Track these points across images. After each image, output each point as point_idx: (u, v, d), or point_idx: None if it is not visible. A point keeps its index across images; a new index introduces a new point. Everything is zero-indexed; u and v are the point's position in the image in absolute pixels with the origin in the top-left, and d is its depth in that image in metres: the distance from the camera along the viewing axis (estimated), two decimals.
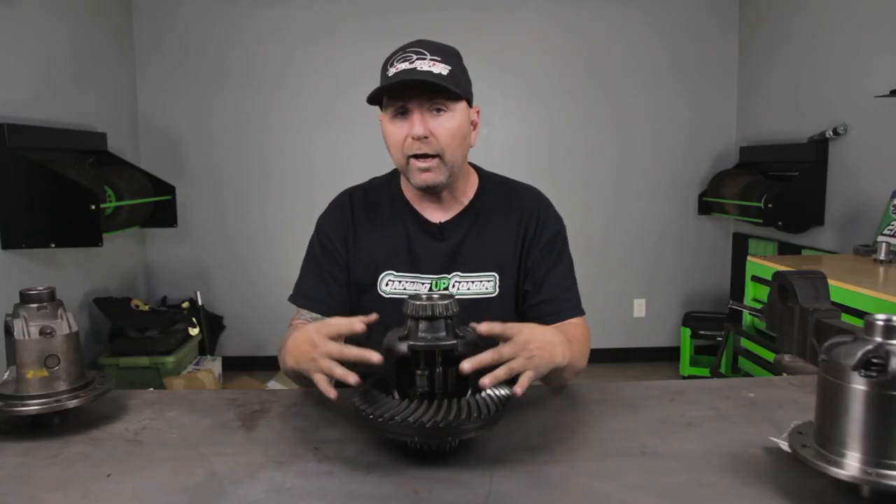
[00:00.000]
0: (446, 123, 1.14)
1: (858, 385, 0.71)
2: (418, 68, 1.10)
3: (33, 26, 2.85)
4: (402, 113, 1.14)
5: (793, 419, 0.88)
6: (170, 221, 3.47)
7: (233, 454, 0.90)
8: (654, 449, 0.90)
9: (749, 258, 2.91)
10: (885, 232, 2.71)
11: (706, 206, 4.00)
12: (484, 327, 0.89)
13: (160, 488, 0.80)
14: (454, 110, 1.15)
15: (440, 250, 1.24)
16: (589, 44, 4.01)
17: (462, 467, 0.85)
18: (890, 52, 2.77)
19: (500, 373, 0.87)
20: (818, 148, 3.21)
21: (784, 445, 0.83)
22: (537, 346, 0.93)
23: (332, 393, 0.92)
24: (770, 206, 3.27)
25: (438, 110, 1.14)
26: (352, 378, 0.89)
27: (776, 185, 3.43)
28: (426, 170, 1.15)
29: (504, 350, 0.90)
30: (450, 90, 1.11)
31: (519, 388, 0.90)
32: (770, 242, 3.73)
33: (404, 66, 1.11)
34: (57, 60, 3.04)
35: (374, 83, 1.17)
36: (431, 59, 1.12)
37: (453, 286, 1.23)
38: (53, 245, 2.65)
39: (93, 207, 2.59)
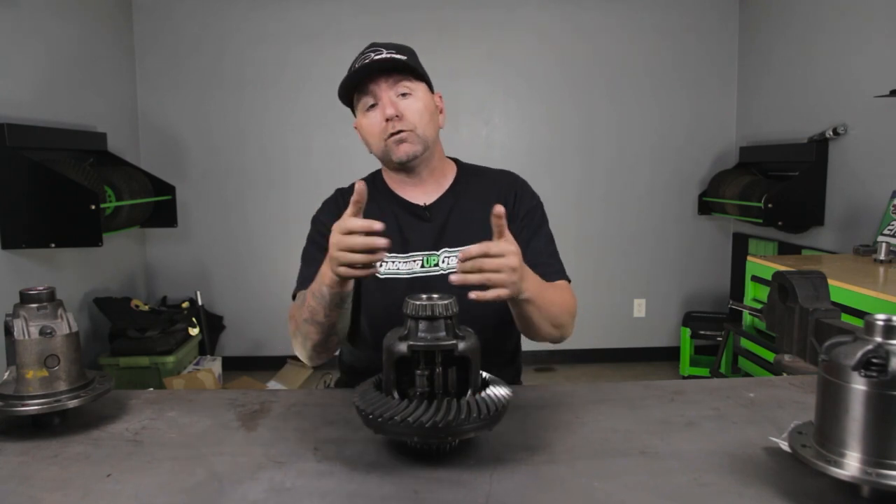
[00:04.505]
0: (412, 104, 1.24)
1: (858, 385, 0.71)
2: (373, 58, 1.22)
3: (34, 27, 2.85)
4: (373, 106, 1.25)
5: (793, 419, 0.88)
6: (170, 221, 3.47)
7: (233, 454, 0.90)
8: (654, 449, 0.90)
9: (749, 258, 2.91)
10: (885, 232, 2.71)
11: (706, 206, 4.00)
12: (462, 254, 0.95)
13: (160, 488, 0.80)
14: (416, 92, 1.25)
15: (428, 229, 1.31)
16: (589, 44, 4.01)
17: (462, 467, 0.85)
18: (890, 52, 2.77)
19: (474, 278, 0.94)
20: (818, 148, 3.21)
21: (784, 445, 0.83)
22: (513, 267, 0.97)
23: (370, 270, 0.97)
24: (770, 206, 3.27)
25: (403, 95, 1.24)
26: (380, 254, 0.95)
27: (776, 185, 3.43)
28: (402, 140, 1.23)
29: (492, 249, 0.95)
30: (409, 67, 1.23)
31: (474, 294, 0.95)
32: (770, 242, 3.73)
33: (365, 62, 1.23)
34: (57, 61, 3.04)
35: None
36: (388, 53, 1.23)
37: (443, 261, 1.28)
38: (53, 245, 2.65)
39: (93, 207, 2.59)
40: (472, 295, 0.95)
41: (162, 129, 3.91)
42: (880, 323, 0.71)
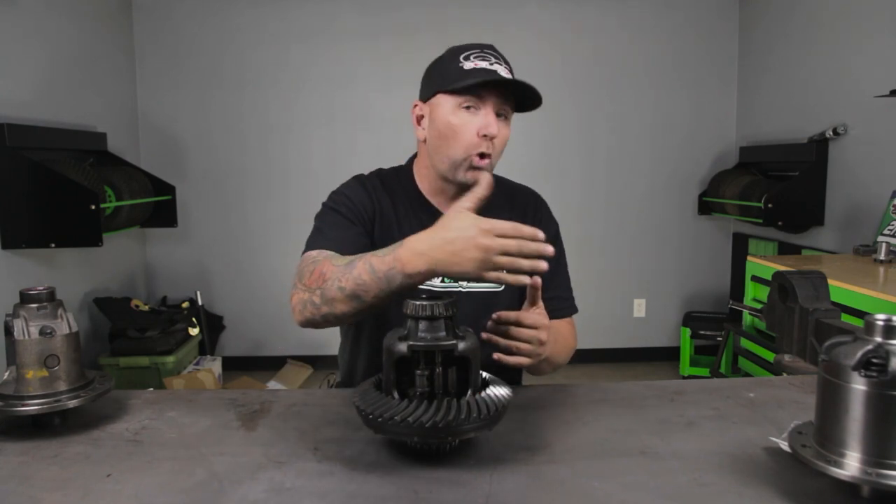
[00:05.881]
0: (504, 131, 1.19)
1: (858, 385, 0.71)
2: (499, 72, 1.15)
3: (34, 26, 2.85)
4: (468, 108, 1.15)
5: (793, 419, 0.88)
6: (170, 221, 3.48)
7: (233, 454, 0.89)
8: (654, 449, 0.90)
9: (749, 258, 2.91)
10: (885, 232, 2.71)
11: (706, 206, 4.00)
12: (496, 316, 1.01)
13: (160, 488, 0.80)
14: (509, 120, 1.21)
15: None
16: (589, 43, 4.01)
17: (462, 467, 0.84)
18: (890, 52, 2.77)
19: (502, 342, 1.00)
20: (818, 148, 3.21)
21: (784, 445, 0.83)
22: (542, 341, 1.02)
23: (527, 279, 0.92)
24: (770, 206, 3.27)
25: (499, 115, 1.17)
26: (543, 265, 0.89)
27: (776, 185, 3.43)
28: (480, 168, 1.16)
29: (526, 319, 1.00)
30: (533, 101, 1.17)
31: (497, 356, 1.01)
32: (770, 242, 3.73)
33: (485, 64, 1.15)
34: (57, 61, 3.04)
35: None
36: (506, 67, 1.17)
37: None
38: (53, 245, 2.65)
39: (93, 207, 2.59)
40: (496, 356, 1.01)
41: (162, 129, 3.91)
42: (880, 323, 0.71)
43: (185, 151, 3.94)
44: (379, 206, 1.23)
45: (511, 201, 1.33)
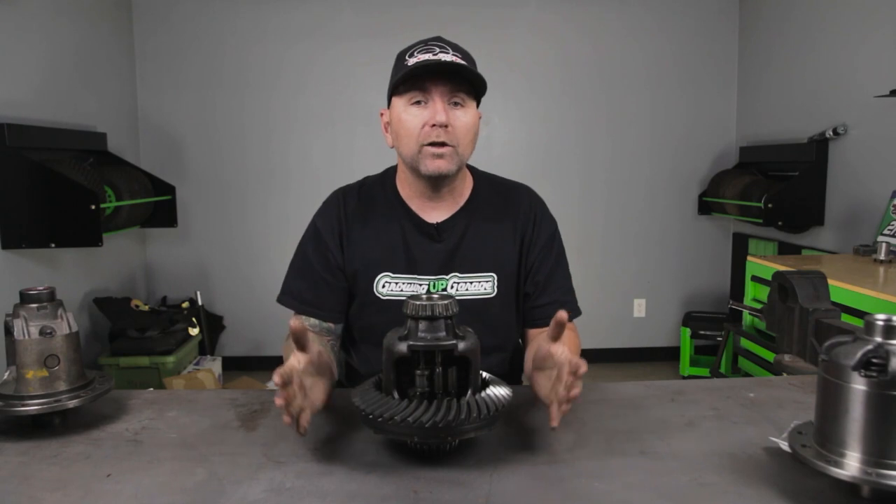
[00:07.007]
0: (463, 118, 1.15)
1: (858, 385, 0.71)
2: (443, 59, 1.12)
3: (34, 26, 2.84)
4: (418, 103, 1.15)
5: (793, 419, 0.88)
6: (170, 221, 3.47)
7: (233, 454, 0.90)
8: (654, 449, 0.90)
9: (749, 258, 2.91)
10: (885, 232, 2.71)
11: (706, 206, 4.00)
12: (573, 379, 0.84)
13: (160, 488, 0.80)
14: (469, 107, 1.17)
15: (437, 251, 1.23)
16: (589, 43, 4.01)
17: (462, 467, 0.85)
18: (890, 52, 2.77)
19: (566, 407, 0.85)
20: (818, 148, 3.21)
21: (784, 445, 0.83)
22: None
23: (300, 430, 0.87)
24: (770, 206, 3.27)
25: (456, 104, 1.15)
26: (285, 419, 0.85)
27: (776, 185, 3.43)
28: (440, 156, 1.14)
29: (572, 367, 0.84)
30: (474, 80, 1.14)
31: (556, 423, 0.85)
32: (770, 242, 3.73)
33: (427, 56, 1.13)
34: (57, 60, 3.04)
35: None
36: (454, 54, 1.14)
37: (451, 287, 1.22)
38: (53, 245, 2.65)
39: (93, 207, 2.59)
40: (555, 426, 0.85)
41: (162, 129, 3.91)
42: (880, 323, 0.71)
43: (185, 151, 3.94)
44: (346, 226, 1.24)
45: (504, 201, 1.28)
